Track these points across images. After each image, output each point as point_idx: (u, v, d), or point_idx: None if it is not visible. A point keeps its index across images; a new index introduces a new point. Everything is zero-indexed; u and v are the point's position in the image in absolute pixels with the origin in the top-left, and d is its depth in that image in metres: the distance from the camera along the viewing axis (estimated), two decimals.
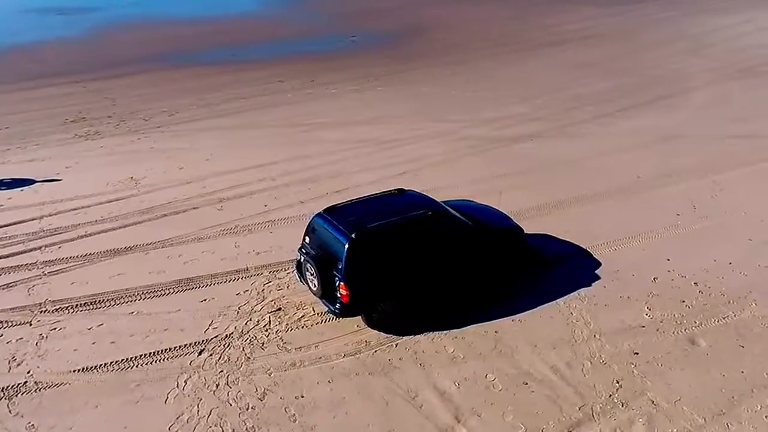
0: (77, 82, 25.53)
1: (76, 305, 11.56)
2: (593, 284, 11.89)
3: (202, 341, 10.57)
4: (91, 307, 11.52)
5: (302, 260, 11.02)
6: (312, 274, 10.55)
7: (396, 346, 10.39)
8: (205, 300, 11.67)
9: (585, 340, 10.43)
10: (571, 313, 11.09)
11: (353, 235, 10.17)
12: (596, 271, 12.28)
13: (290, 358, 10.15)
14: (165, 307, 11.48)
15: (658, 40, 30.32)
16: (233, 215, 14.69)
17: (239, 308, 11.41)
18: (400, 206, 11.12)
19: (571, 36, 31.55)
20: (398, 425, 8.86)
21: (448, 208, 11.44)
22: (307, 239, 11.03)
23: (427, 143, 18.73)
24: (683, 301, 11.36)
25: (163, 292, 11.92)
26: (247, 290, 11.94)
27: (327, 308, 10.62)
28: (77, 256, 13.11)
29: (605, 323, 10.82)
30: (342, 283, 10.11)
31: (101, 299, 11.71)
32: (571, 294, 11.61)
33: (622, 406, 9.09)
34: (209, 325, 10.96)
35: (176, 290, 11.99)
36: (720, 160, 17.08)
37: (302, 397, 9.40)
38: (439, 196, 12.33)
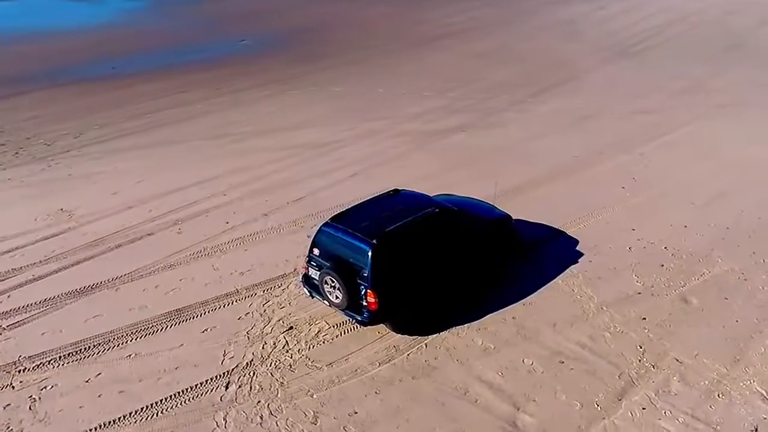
0: None
1: (60, 357, 10.27)
2: (580, 261, 12.57)
3: (224, 373, 9.85)
4: (79, 356, 10.29)
5: (315, 274, 10.60)
6: (333, 287, 10.18)
7: (426, 346, 10.35)
8: (206, 330, 10.87)
9: (595, 314, 11.03)
10: (573, 290, 11.67)
11: (375, 241, 9.97)
12: (577, 248, 12.99)
13: (326, 376, 9.77)
14: (164, 345, 10.54)
15: (535, 29, 32.32)
16: (196, 237, 13.74)
17: (247, 333, 10.75)
18: (405, 206, 11.04)
19: (456, 28, 32.73)
20: (463, 423, 8.86)
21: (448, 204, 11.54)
22: (316, 251, 10.62)
23: (365, 143, 18.66)
24: (662, 265, 12.36)
25: (155, 329, 10.93)
26: (248, 313, 11.28)
27: (352, 319, 10.32)
28: (35, 303, 11.62)
29: (606, 295, 11.51)
30: (370, 291, 9.88)
31: (87, 346, 10.50)
32: (565, 272, 12.21)
33: (654, 368, 9.76)
34: (224, 356, 10.23)
35: (168, 324, 11.04)
36: (636, 135, 18.67)
37: (356, 413, 9.10)
38: None
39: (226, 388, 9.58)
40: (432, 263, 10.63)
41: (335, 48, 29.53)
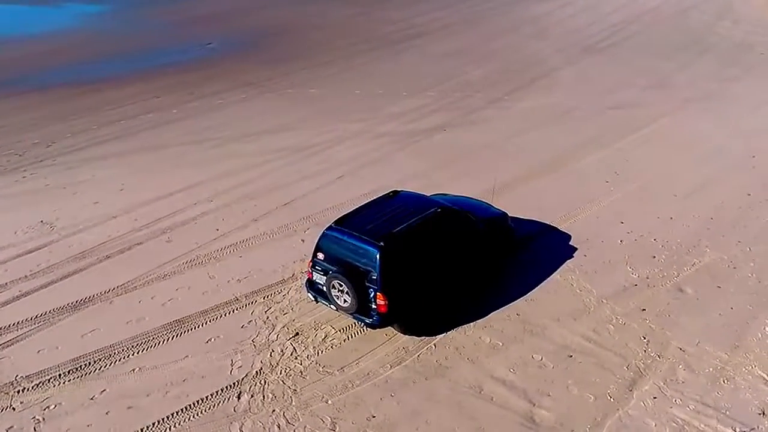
0: None
1: (60, 375, 9.94)
2: (574, 255, 12.79)
3: (234, 384, 9.69)
4: (80, 373, 9.98)
5: (320, 279, 10.51)
6: (341, 291, 10.11)
7: (435, 346, 10.38)
8: (210, 340, 10.67)
9: (596, 307, 11.24)
10: (572, 285, 11.87)
11: (382, 243, 9.94)
12: (570, 243, 13.21)
13: (339, 381, 9.70)
14: (168, 357, 10.30)
15: (502, 28, 32.67)
16: (187, 245, 13.47)
17: (253, 341, 10.60)
18: (407, 207, 11.05)
19: (424, 29, 32.85)
20: (482, 422, 8.92)
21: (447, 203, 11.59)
22: (321, 256, 10.53)
23: (348, 144, 18.59)
24: (654, 257, 12.67)
25: (157, 341, 10.67)
26: (251, 321, 11.11)
27: (361, 322, 10.27)
28: (26, 320, 11.22)
29: (604, 288, 11.74)
30: (379, 294, 9.85)
31: (87, 362, 10.18)
32: (562, 267, 12.40)
33: (659, 357, 10.00)
34: (231, 366, 10.07)
35: (170, 336, 10.79)
36: (611, 130, 19.08)
37: (373, 417, 9.07)
38: None
39: (239, 398, 9.43)
40: (437, 263, 10.66)
41: (306, 50, 29.30)
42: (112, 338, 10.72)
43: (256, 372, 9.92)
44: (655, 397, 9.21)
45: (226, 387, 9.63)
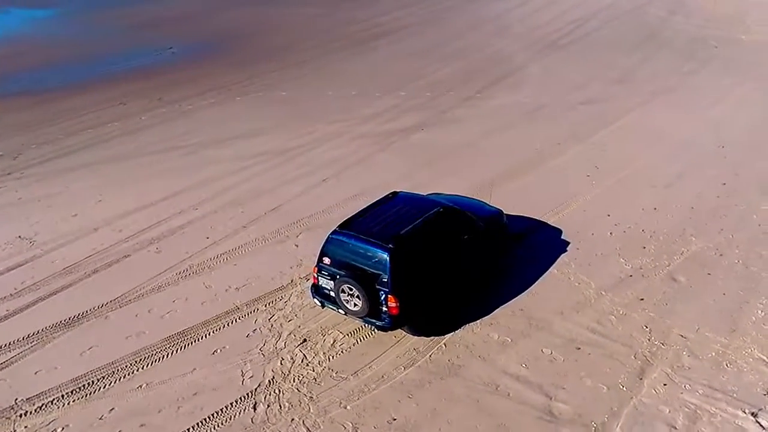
0: None
1: (63, 395, 9.59)
2: (568, 249, 13.03)
3: (248, 394, 9.52)
4: (84, 392, 9.64)
5: (327, 283, 10.42)
6: (351, 295, 10.05)
7: (445, 346, 10.42)
8: (216, 351, 10.45)
9: (596, 299, 11.48)
10: (569, 278, 12.09)
11: (391, 245, 9.93)
12: (562, 237, 13.45)
13: (354, 386, 9.64)
14: (175, 371, 10.05)
15: (464, 27, 32.97)
16: (178, 255, 13.16)
17: (260, 350, 10.44)
18: (409, 208, 11.07)
19: (387, 28, 32.89)
20: (502, 418, 9.01)
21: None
22: (327, 260, 10.44)
23: (327, 146, 18.47)
24: (644, 247, 13.02)
25: (161, 355, 10.39)
26: (255, 329, 10.94)
27: (371, 325, 10.21)
28: (19, 340, 10.78)
29: (601, 280, 12.00)
30: (391, 296, 9.83)
31: (90, 381, 9.85)
32: (557, 261, 12.63)
33: (663, 345, 10.29)
34: (242, 376, 9.89)
35: (174, 349, 10.53)
36: (584, 125, 19.49)
37: (394, 419, 9.05)
38: (370, 198, 12.75)
39: (254, 408, 9.27)
40: (441, 262, 10.71)
41: (271, 52, 28.97)
42: (113, 355, 10.39)
43: (269, 381, 9.77)
44: (665, 384, 9.48)
45: (240, 398, 9.45)
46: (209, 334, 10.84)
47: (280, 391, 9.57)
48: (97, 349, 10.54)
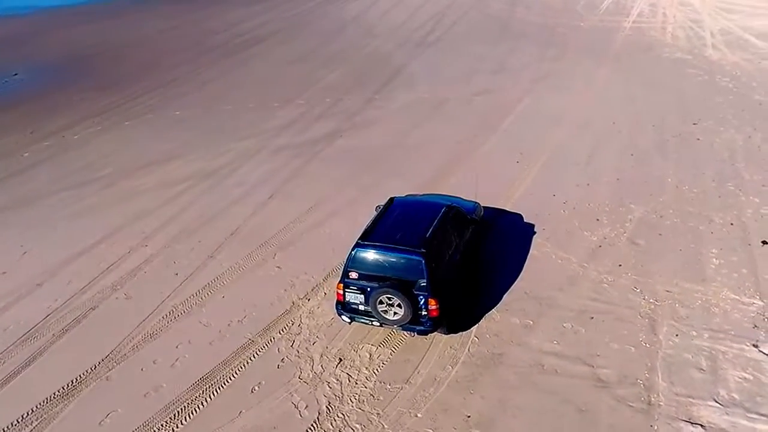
0: None
1: None
2: (536, 230, 13.97)
3: (313, 425, 9.17)
4: None
5: (356, 298, 10.28)
6: (391, 305, 10.01)
7: (477, 338, 10.77)
8: (253, 389, 9.86)
9: (583, 271, 12.50)
10: (552, 256, 13.01)
11: (424, 249, 10.07)
12: (526, 221, 14.37)
13: (414, 393, 9.67)
14: (221, 419, 9.36)
15: (330, 30, 33.17)
16: (153, 298, 12.09)
17: (300, 378, 10.03)
18: (418, 211, 11.32)
19: (255, 35, 32.09)
20: (564, 394, 9.58)
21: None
22: (355, 275, 10.29)
23: (252, 163, 17.83)
24: (598, 219, 14.35)
25: (194, 406, 9.59)
26: (283, 359, 10.47)
27: (411, 331, 10.27)
28: (18, 421, 9.27)
29: (578, 253, 13.07)
30: (431, 299, 9.97)
31: None
32: (533, 243, 13.50)
33: (657, 302, 11.52)
34: (296, 408, 9.46)
35: (205, 397, 9.77)
36: (488, 115, 20.73)
37: (469, 417, 9.24)
38: (327, 208, 13.54)
39: None
40: (458, 259, 11.05)
41: (139, 71, 27.00)
42: (138, 417, 9.39)
43: (326, 407, 9.46)
44: (676, 335, 10.66)
45: (308, 430, 9.05)
46: (236, 374, 10.17)
47: (343, 414, 9.31)
48: (117, 414, 9.44)
